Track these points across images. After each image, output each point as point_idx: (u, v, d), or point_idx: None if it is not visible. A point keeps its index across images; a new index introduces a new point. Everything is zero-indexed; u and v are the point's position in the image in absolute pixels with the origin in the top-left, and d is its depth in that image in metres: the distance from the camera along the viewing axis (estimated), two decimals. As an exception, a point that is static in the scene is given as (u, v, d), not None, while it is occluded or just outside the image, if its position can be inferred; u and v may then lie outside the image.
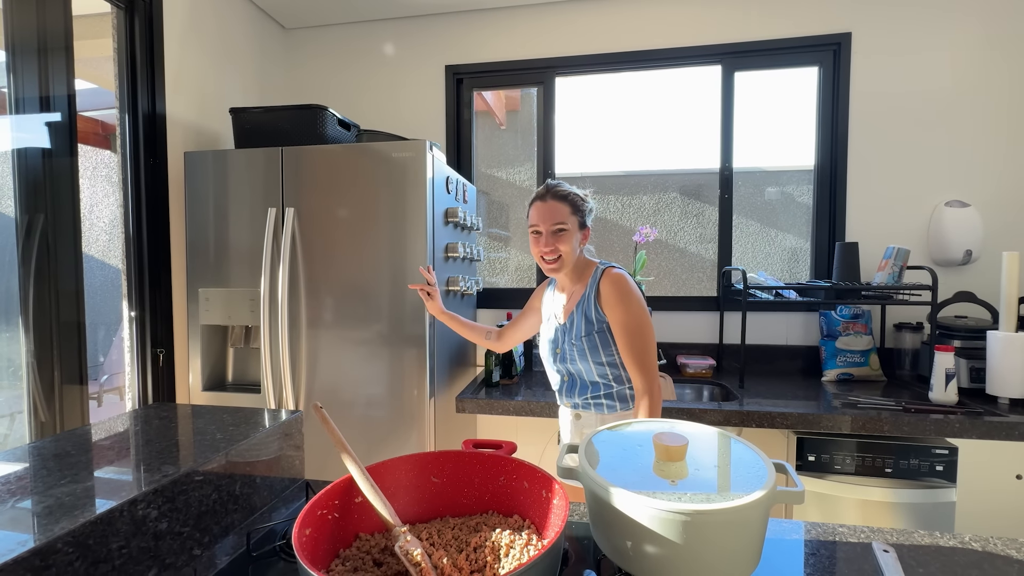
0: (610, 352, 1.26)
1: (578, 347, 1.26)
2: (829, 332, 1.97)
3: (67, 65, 1.43)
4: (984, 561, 0.72)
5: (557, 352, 1.32)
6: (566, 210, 1.25)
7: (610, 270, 1.26)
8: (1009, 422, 1.42)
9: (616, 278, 1.24)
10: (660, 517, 0.55)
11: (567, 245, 1.25)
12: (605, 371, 1.26)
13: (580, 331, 1.26)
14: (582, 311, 1.27)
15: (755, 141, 2.21)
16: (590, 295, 1.26)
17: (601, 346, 1.25)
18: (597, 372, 1.27)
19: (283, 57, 2.42)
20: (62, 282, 1.42)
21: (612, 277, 1.24)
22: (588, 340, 1.25)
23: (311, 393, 1.68)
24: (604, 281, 1.25)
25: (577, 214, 1.27)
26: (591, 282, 1.28)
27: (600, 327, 1.25)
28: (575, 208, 1.26)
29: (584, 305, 1.27)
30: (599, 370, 1.26)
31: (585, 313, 1.26)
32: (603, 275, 1.26)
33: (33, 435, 1.37)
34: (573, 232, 1.26)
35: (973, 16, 1.92)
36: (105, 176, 2.60)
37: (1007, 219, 1.92)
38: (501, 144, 2.58)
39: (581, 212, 1.28)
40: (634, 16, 2.16)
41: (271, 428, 0.91)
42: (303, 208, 1.66)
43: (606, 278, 1.25)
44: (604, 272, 1.26)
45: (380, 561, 0.63)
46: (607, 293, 1.23)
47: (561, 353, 1.31)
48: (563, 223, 1.24)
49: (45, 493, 0.63)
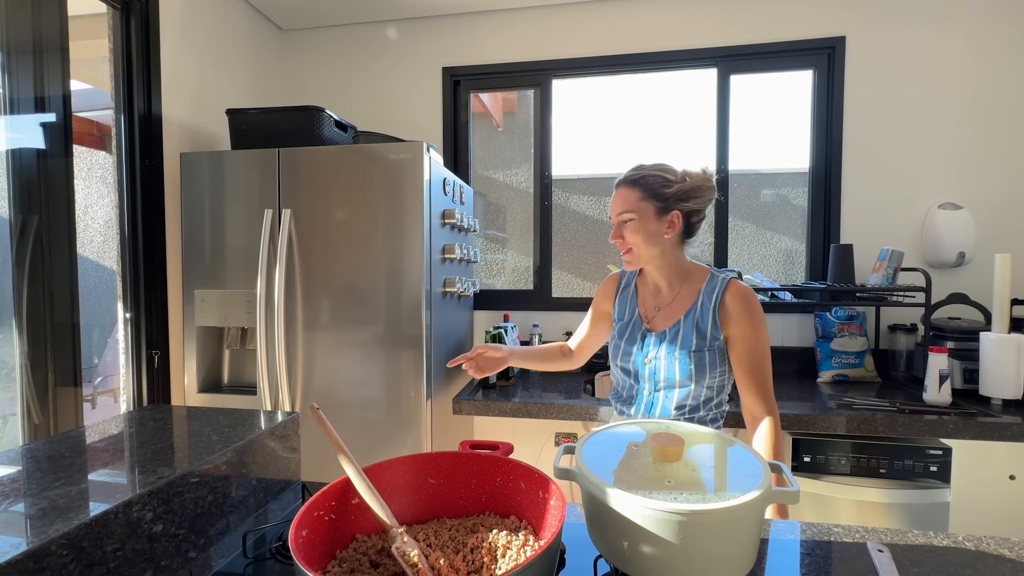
0: (715, 375, 1.10)
1: (682, 363, 1.10)
2: (824, 333, 1.98)
3: (62, 65, 1.43)
4: (977, 560, 0.72)
5: (646, 362, 1.14)
6: (635, 196, 1.10)
7: (737, 282, 1.11)
8: (1002, 423, 1.43)
9: (747, 293, 1.10)
10: (656, 517, 0.55)
11: (635, 235, 1.10)
12: (701, 393, 1.10)
13: (689, 344, 1.10)
14: (693, 322, 1.11)
15: (751, 144, 2.22)
16: (707, 305, 1.10)
17: (709, 366, 1.09)
18: (694, 393, 1.10)
19: (280, 58, 2.42)
20: (56, 283, 1.41)
21: (743, 291, 1.09)
22: (697, 356, 1.09)
23: (307, 395, 1.68)
24: (732, 294, 1.09)
25: (653, 199, 1.09)
26: (708, 291, 1.12)
27: (713, 344, 1.09)
28: (650, 192, 1.09)
29: (697, 315, 1.11)
30: (697, 391, 1.10)
31: (698, 325, 1.10)
32: (730, 286, 1.10)
33: (26, 438, 1.36)
34: (645, 220, 1.09)
35: (965, 21, 1.94)
36: (100, 177, 2.58)
37: (1000, 221, 1.94)
38: (498, 146, 2.58)
39: (660, 196, 1.09)
40: (631, 19, 2.17)
41: (267, 430, 0.91)
42: (300, 209, 1.66)
43: (735, 290, 1.09)
44: (731, 283, 1.11)
45: (377, 562, 0.63)
46: (736, 308, 1.08)
47: (652, 363, 1.13)
48: (629, 212, 1.10)
49: (39, 495, 0.63)
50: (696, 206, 1.11)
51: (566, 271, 2.46)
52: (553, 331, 2.25)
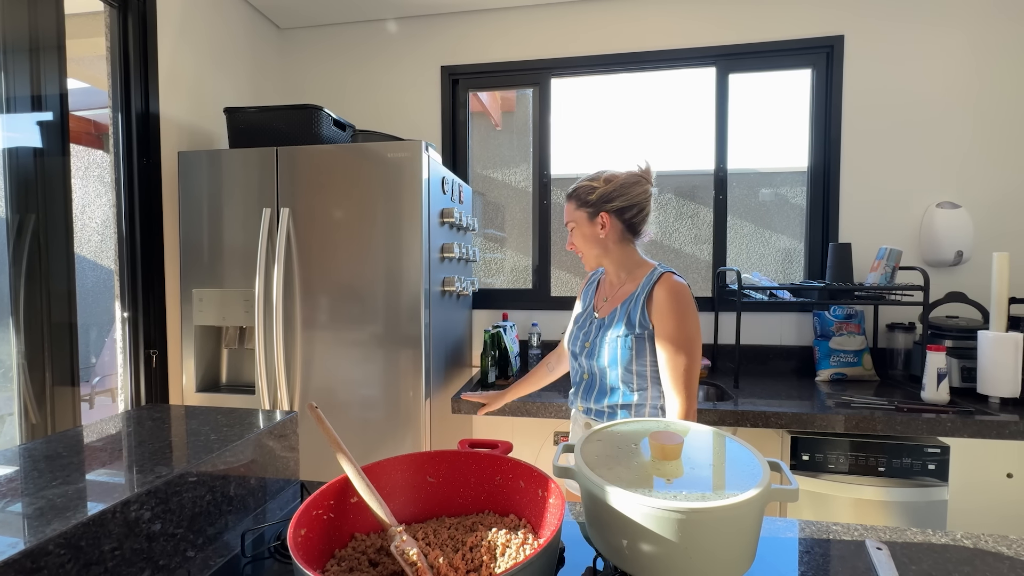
0: (643, 363, 1.16)
1: (611, 346, 1.17)
2: (823, 332, 1.98)
3: (59, 64, 1.42)
4: (975, 558, 0.72)
5: (586, 346, 1.23)
6: (572, 206, 1.24)
7: (670, 276, 1.16)
8: (1000, 421, 1.43)
9: (675, 287, 1.14)
10: (655, 515, 0.55)
11: (578, 240, 1.25)
12: (632, 380, 1.17)
13: (618, 330, 1.17)
14: (626, 310, 1.18)
15: (749, 143, 2.22)
16: (640, 296, 1.17)
17: (636, 353, 1.16)
18: (623, 378, 1.17)
19: (278, 57, 2.42)
20: (54, 282, 1.41)
21: (671, 284, 1.14)
22: (623, 341, 1.16)
23: (306, 394, 1.68)
24: (660, 286, 1.15)
25: (584, 206, 1.22)
26: (644, 283, 1.18)
27: (641, 333, 1.15)
28: (580, 201, 1.22)
29: (630, 304, 1.18)
30: (625, 376, 1.17)
31: (629, 313, 1.17)
32: (660, 279, 1.16)
33: (24, 437, 1.35)
34: (581, 226, 1.23)
35: (964, 20, 1.95)
36: (98, 176, 2.57)
37: (997, 220, 1.95)
38: (497, 145, 2.58)
39: (587, 202, 1.21)
40: (629, 18, 2.17)
41: (265, 429, 0.91)
42: (298, 208, 1.65)
43: (664, 283, 1.15)
44: (662, 276, 1.16)
45: (376, 561, 0.63)
46: (661, 300, 1.13)
47: (590, 348, 1.22)
48: (571, 221, 1.25)
49: (36, 495, 0.62)
50: (623, 203, 1.20)
51: (565, 270, 2.46)
52: (552, 330, 2.25)
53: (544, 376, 1.51)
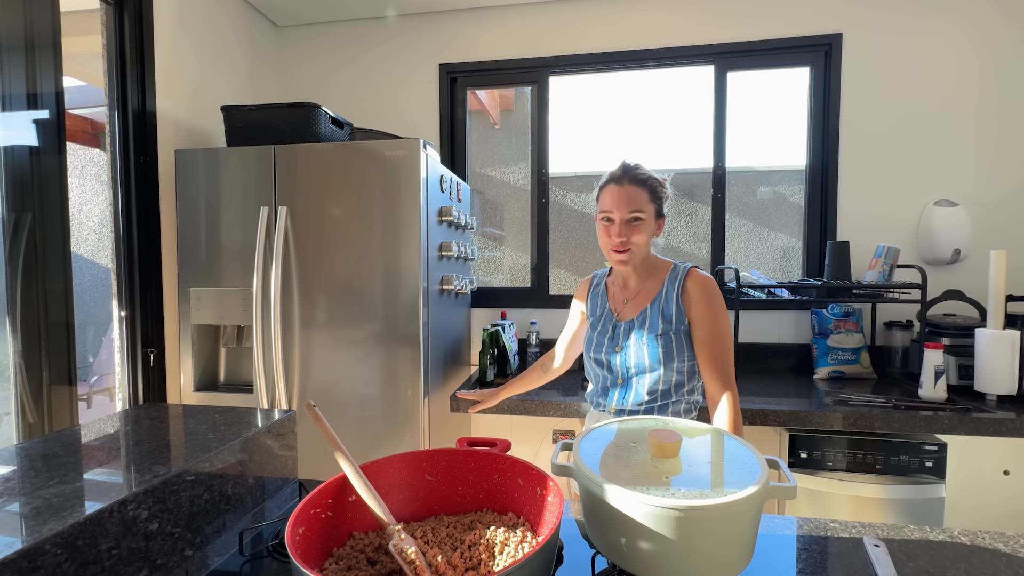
0: (683, 359, 1.15)
1: (650, 347, 1.14)
2: (820, 330, 1.98)
3: (55, 62, 1.41)
4: (972, 555, 0.73)
5: (617, 350, 1.19)
6: (644, 196, 1.14)
7: (697, 271, 1.18)
8: (997, 418, 1.43)
9: (707, 280, 1.16)
10: (654, 513, 0.55)
11: (641, 236, 1.14)
12: (671, 377, 1.15)
13: (656, 329, 1.15)
14: (659, 309, 1.16)
15: (747, 141, 2.22)
16: (671, 293, 1.16)
17: (676, 350, 1.14)
18: (664, 378, 1.14)
19: (275, 55, 2.41)
20: (50, 281, 1.40)
21: (703, 278, 1.16)
22: (664, 339, 1.14)
23: (304, 393, 1.67)
24: (692, 281, 1.15)
25: (655, 201, 1.16)
26: (671, 280, 1.18)
27: (679, 328, 1.14)
28: (654, 195, 1.16)
29: (662, 302, 1.17)
30: (667, 375, 1.14)
31: (663, 311, 1.16)
32: (690, 274, 1.17)
33: (21, 437, 1.35)
34: (649, 222, 1.15)
35: (962, 18, 1.95)
36: (94, 175, 2.56)
37: (995, 218, 1.95)
38: (495, 143, 2.58)
39: (659, 199, 1.17)
40: (628, 16, 2.17)
41: (263, 428, 0.91)
42: (296, 207, 1.65)
43: (695, 278, 1.16)
44: (691, 271, 1.18)
45: (374, 560, 0.63)
46: (697, 294, 1.14)
47: (622, 352, 1.18)
48: (640, 211, 1.13)
49: (33, 494, 0.62)
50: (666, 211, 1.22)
51: (563, 268, 2.46)
52: (550, 329, 2.25)
53: (539, 377, 1.51)
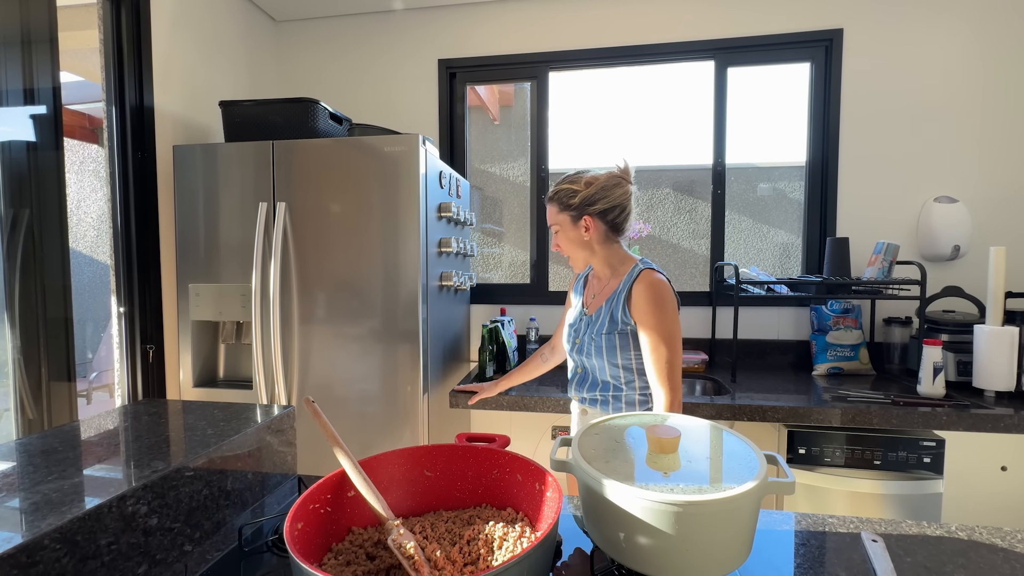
0: (628, 356, 1.21)
1: (596, 343, 1.23)
2: (820, 326, 1.98)
3: (52, 57, 1.40)
4: (970, 550, 0.73)
5: (576, 343, 1.29)
6: (554, 209, 1.27)
7: (648, 272, 1.19)
8: (995, 414, 1.44)
9: (653, 282, 1.17)
10: (653, 508, 0.55)
11: (564, 242, 1.27)
12: (618, 373, 1.22)
13: (603, 327, 1.22)
14: (609, 307, 1.22)
15: (748, 137, 2.22)
16: (621, 293, 1.21)
17: (620, 348, 1.20)
18: (610, 372, 1.23)
19: (274, 50, 2.39)
20: (49, 277, 1.40)
21: (648, 280, 1.17)
22: (608, 339, 1.21)
23: (303, 389, 1.67)
24: (639, 283, 1.18)
25: (566, 210, 1.24)
26: (625, 280, 1.22)
27: (623, 328, 1.20)
28: (563, 204, 1.24)
29: (613, 302, 1.22)
30: (612, 371, 1.23)
31: (612, 311, 1.21)
32: (639, 276, 1.19)
33: (20, 433, 1.35)
34: (566, 229, 1.25)
35: (963, 14, 1.94)
36: (92, 170, 2.56)
37: (994, 215, 1.95)
38: (495, 139, 2.57)
39: (570, 206, 1.23)
40: (627, 11, 2.16)
41: (263, 423, 0.91)
42: (295, 203, 1.64)
43: (642, 280, 1.18)
44: (641, 273, 1.19)
45: (373, 555, 0.63)
46: (639, 297, 1.17)
47: (580, 344, 1.27)
48: (554, 224, 1.27)
49: (32, 490, 0.62)
50: (605, 206, 1.22)
51: (563, 265, 2.46)
52: (550, 325, 2.25)
53: (538, 366, 1.57)
